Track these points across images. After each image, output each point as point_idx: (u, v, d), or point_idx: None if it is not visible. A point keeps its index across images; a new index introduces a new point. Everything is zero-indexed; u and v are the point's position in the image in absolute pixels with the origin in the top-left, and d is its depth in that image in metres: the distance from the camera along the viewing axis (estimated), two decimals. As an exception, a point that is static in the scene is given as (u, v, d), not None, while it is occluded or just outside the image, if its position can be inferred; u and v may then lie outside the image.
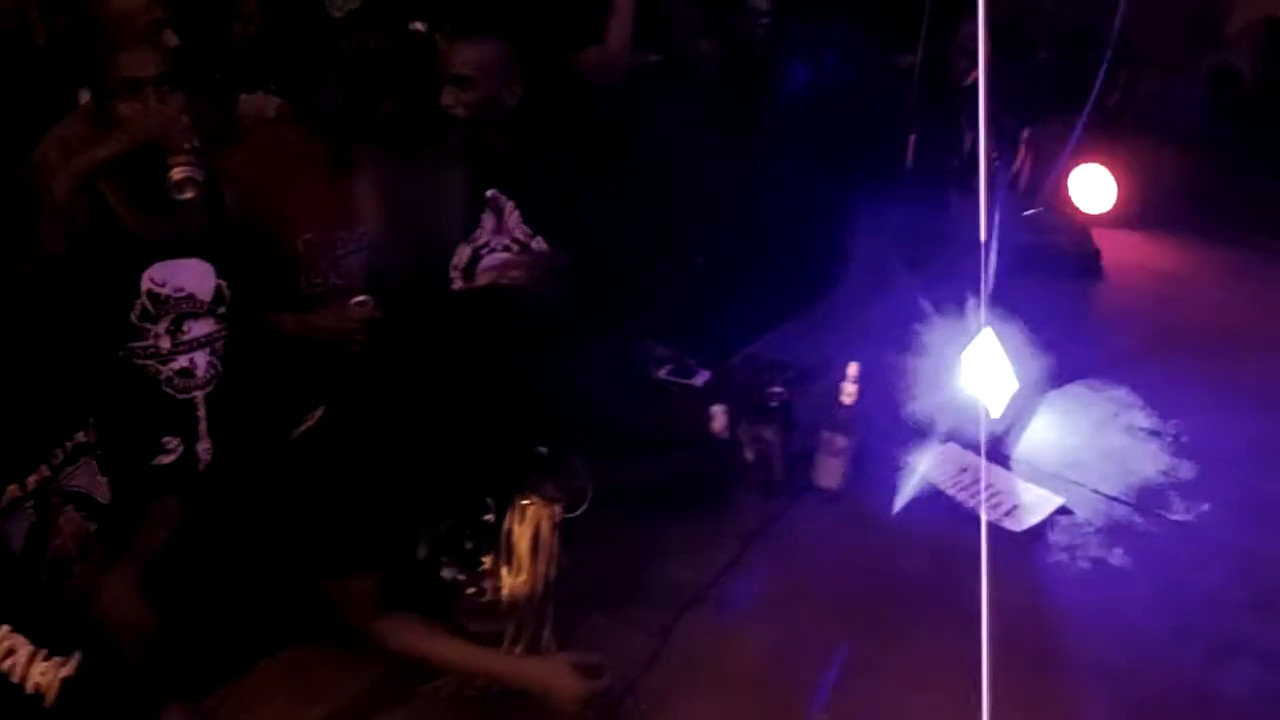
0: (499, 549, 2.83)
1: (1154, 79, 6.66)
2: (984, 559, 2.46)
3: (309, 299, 3.80)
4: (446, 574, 2.82)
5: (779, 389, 3.78)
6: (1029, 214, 5.07)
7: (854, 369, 3.62)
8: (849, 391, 3.63)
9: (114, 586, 2.75)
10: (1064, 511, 3.81)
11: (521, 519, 2.84)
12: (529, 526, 2.85)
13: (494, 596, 2.84)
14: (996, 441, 4.07)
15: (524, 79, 4.00)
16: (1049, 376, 4.49)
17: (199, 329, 3.45)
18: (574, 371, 2.82)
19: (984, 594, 2.38)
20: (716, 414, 3.46)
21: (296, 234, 3.74)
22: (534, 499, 2.86)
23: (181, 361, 3.43)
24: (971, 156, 2.92)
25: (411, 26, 4.84)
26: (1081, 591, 3.52)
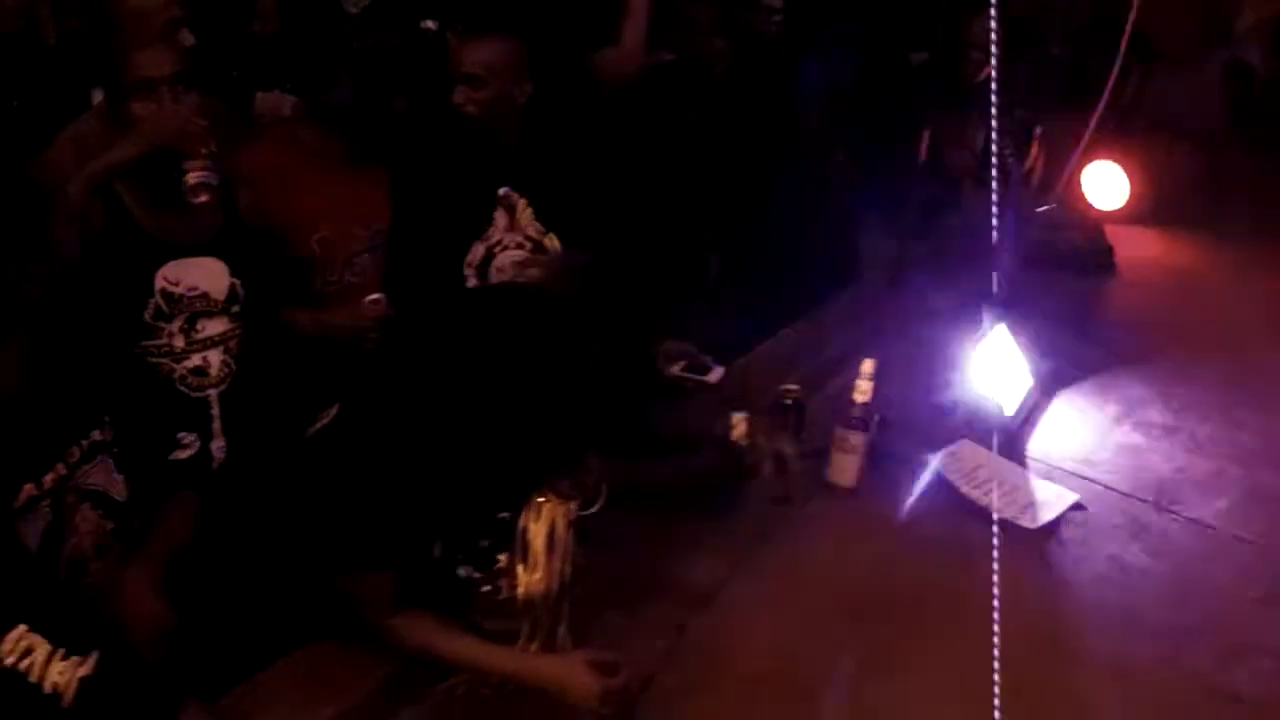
0: (514, 547, 2.83)
1: (1167, 75, 6.67)
2: (997, 556, 2.46)
3: (323, 297, 3.79)
4: (462, 572, 2.82)
5: (793, 386, 3.78)
6: (1042, 210, 5.06)
7: (868, 366, 3.62)
8: (863, 389, 3.63)
9: (132, 582, 2.74)
10: (1078, 508, 3.82)
11: (537, 517, 2.84)
12: (544, 524, 2.85)
13: (509, 594, 2.83)
14: (1010, 438, 4.07)
15: (537, 78, 4.00)
16: (1062, 373, 4.49)
17: (213, 328, 3.44)
18: (589, 370, 2.82)
19: (997, 591, 2.38)
20: (737, 421, 3.45)
21: (310, 232, 3.74)
22: (549, 496, 2.86)
23: (195, 360, 3.42)
24: (985, 153, 2.92)
25: (423, 24, 4.84)
26: (1095, 588, 3.52)
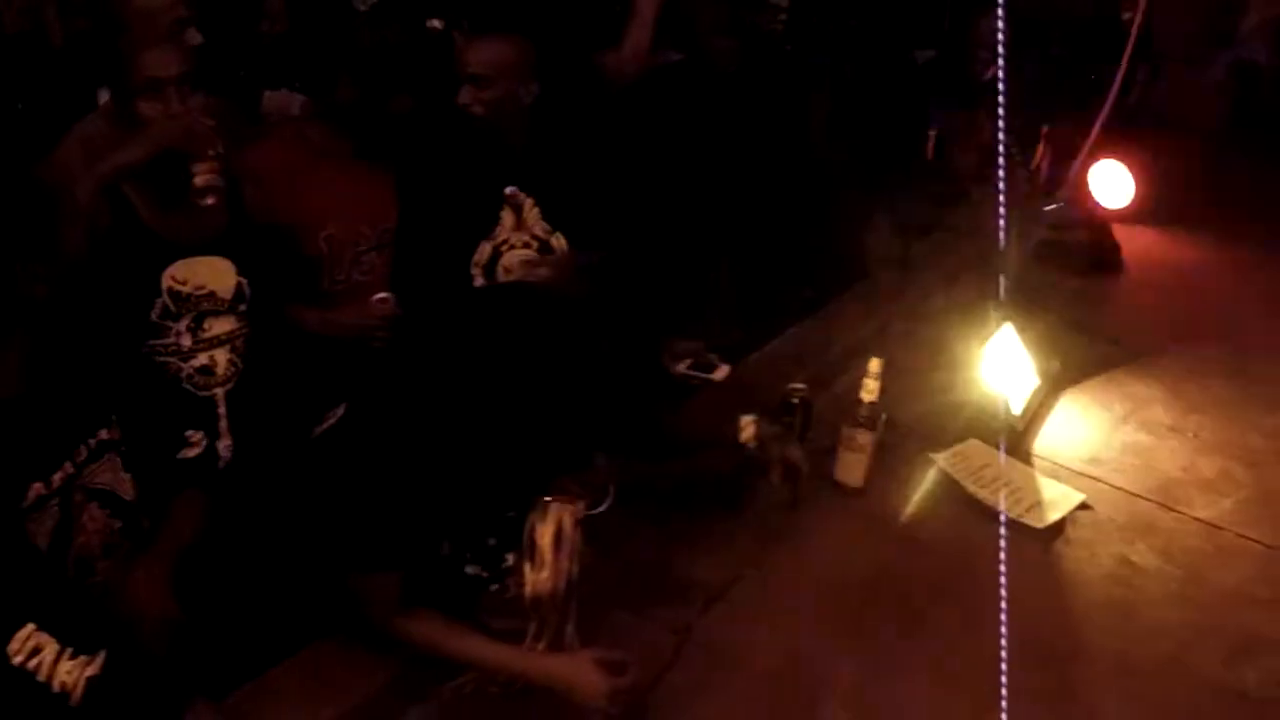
0: (522, 546, 2.83)
1: (1172, 75, 6.67)
2: (1004, 555, 2.47)
3: (331, 296, 3.79)
4: (469, 571, 2.82)
5: (800, 385, 3.78)
6: (1049, 209, 5.05)
7: (876, 365, 3.62)
8: (870, 388, 3.63)
9: (140, 581, 2.74)
10: (1084, 508, 3.81)
11: (544, 516, 2.84)
12: (552, 523, 2.85)
13: (517, 593, 2.84)
14: (1017, 438, 4.07)
15: (543, 77, 4.00)
16: (1069, 372, 4.49)
17: (219, 326, 3.43)
18: (598, 369, 2.82)
19: (1004, 590, 2.38)
20: (746, 424, 3.45)
21: (318, 231, 3.74)
22: (557, 496, 2.86)
23: (202, 359, 3.42)
24: (991, 152, 2.91)
25: (429, 24, 4.85)
26: (1102, 588, 3.52)
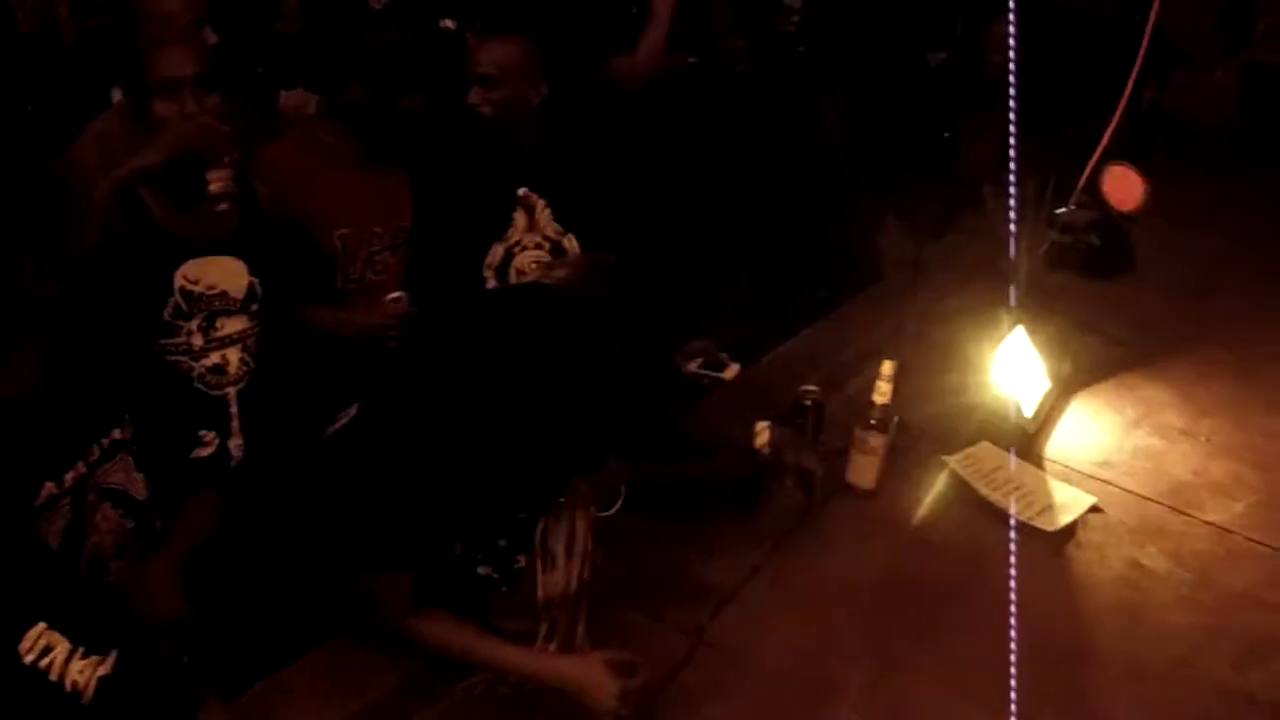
0: (533, 547, 2.83)
1: (1186, 76, 6.65)
2: (1015, 558, 2.46)
3: (345, 295, 3.80)
4: (481, 572, 2.83)
5: (812, 387, 3.78)
6: (1061, 212, 5.04)
7: (888, 367, 3.61)
8: (883, 390, 3.62)
9: (152, 578, 2.75)
10: (1095, 511, 3.80)
11: (556, 517, 2.85)
12: (563, 525, 2.86)
13: (528, 594, 2.84)
14: (1028, 440, 4.06)
15: (553, 78, 4.01)
16: (1080, 375, 4.48)
17: (231, 326, 3.44)
18: (612, 371, 2.82)
19: (1015, 593, 2.38)
20: (761, 430, 3.44)
21: (331, 230, 3.75)
22: (569, 497, 2.86)
23: (213, 358, 3.43)
24: (1003, 153, 2.91)
25: (442, 24, 4.85)
26: (1112, 591, 3.51)
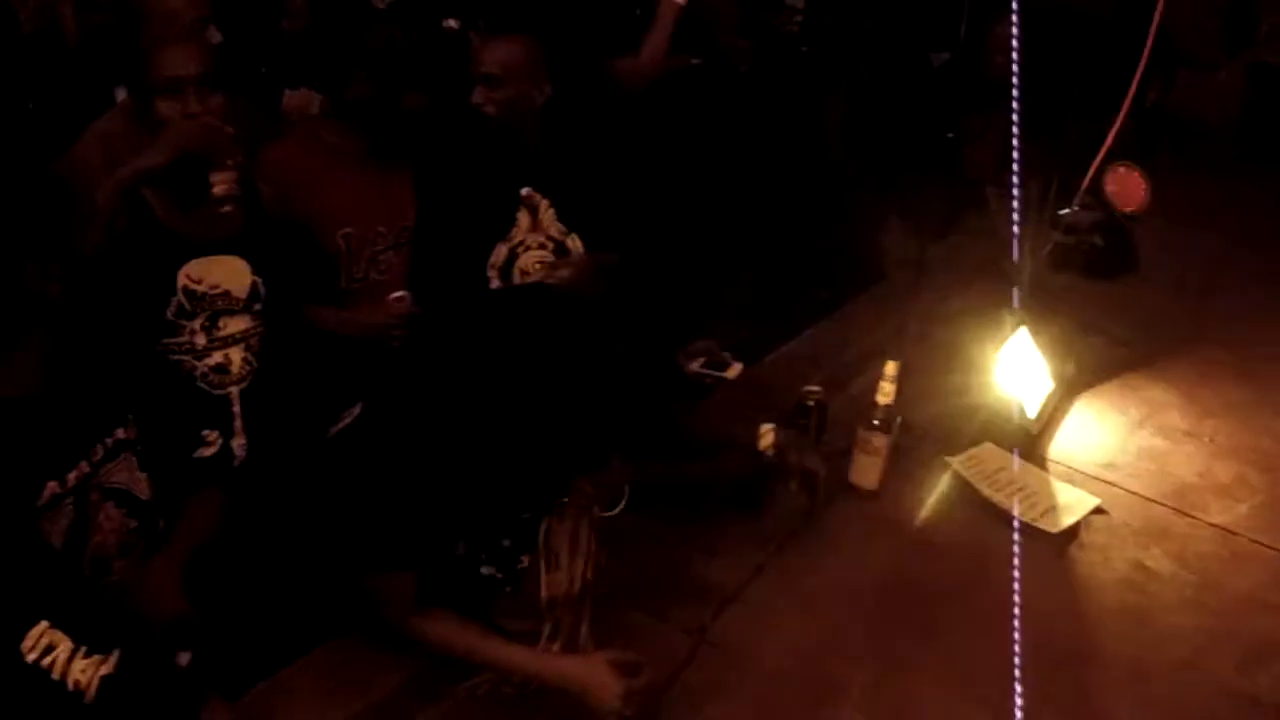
0: (537, 547, 2.83)
1: (1190, 77, 6.65)
2: (1018, 559, 2.46)
3: (348, 294, 3.80)
4: (484, 572, 2.82)
5: (815, 387, 3.78)
6: (1064, 212, 5.04)
7: (891, 368, 3.61)
8: (886, 391, 3.62)
9: (153, 575, 2.74)
10: (1099, 512, 3.80)
11: (560, 517, 2.85)
12: (567, 525, 2.85)
13: (532, 594, 2.84)
14: (1032, 441, 4.05)
15: (556, 78, 4.01)
16: (1084, 376, 4.48)
17: (234, 325, 3.44)
18: (616, 371, 2.81)
19: (1018, 594, 2.38)
20: (765, 432, 3.44)
21: (335, 229, 3.74)
22: (572, 497, 2.86)
23: (216, 358, 3.43)
24: (1007, 154, 2.91)
25: (445, 23, 4.85)
26: (1116, 593, 3.51)
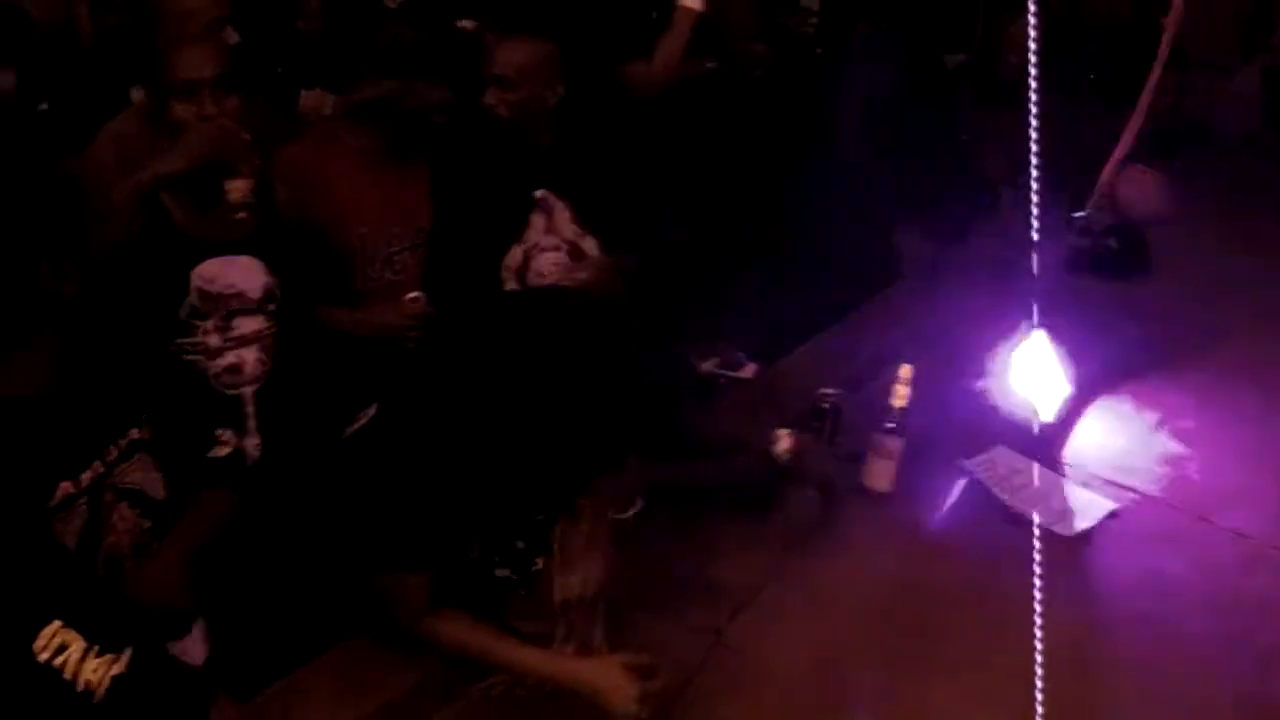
0: (551, 549, 2.83)
1: (1204, 81, 6.64)
2: (1035, 563, 2.45)
3: (364, 295, 3.79)
4: (499, 573, 2.82)
5: (831, 390, 3.77)
6: (1080, 215, 5.03)
7: (906, 371, 3.61)
8: (901, 393, 3.62)
9: (154, 562, 2.74)
10: (1115, 516, 3.79)
11: (574, 519, 2.84)
12: (582, 526, 2.85)
13: (546, 596, 2.83)
14: (1047, 444, 4.05)
15: (570, 80, 4.00)
16: (1100, 379, 4.47)
17: (248, 325, 3.43)
18: (631, 373, 2.81)
19: (1036, 598, 2.36)
20: (781, 437, 3.44)
21: (350, 230, 3.73)
22: (587, 499, 2.86)
23: (230, 358, 3.42)
24: (1023, 156, 2.89)
25: (460, 24, 4.84)
26: (1132, 597, 3.51)
